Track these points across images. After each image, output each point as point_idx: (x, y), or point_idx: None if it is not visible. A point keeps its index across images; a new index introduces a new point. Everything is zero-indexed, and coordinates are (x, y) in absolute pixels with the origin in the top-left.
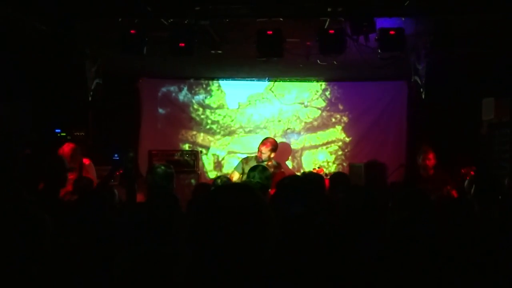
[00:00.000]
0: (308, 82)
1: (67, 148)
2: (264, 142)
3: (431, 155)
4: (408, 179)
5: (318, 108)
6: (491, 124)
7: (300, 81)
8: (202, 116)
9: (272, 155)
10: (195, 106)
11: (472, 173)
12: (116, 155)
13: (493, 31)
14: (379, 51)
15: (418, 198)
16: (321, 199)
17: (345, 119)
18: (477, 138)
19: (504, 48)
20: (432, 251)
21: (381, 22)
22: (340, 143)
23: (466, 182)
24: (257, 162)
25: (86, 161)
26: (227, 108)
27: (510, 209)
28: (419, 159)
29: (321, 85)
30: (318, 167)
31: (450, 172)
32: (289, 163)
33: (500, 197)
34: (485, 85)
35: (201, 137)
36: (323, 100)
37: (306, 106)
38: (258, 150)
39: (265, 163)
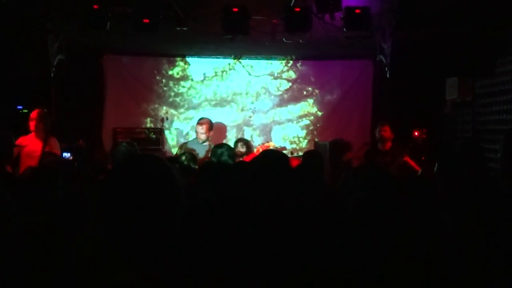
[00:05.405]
0: (275, 60)
1: (34, 113)
2: (200, 122)
3: (386, 127)
4: (366, 154)
5: (289, 80)
6: (455, 104)
7: (267, 59)
8: (165, 88)
9: (210, 133)
10: (158, 77)
11: (424, 136)
12: (65, 153)
13: (458, 11)
14: (345, 29)
15: (379, 175)
16: (283, 179)
17: (317, 91)
18: (441, 117)
19: (469, 28)
20: (394, 230)
21: (347, 1)
22: (312, 118)
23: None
24: (199, 144)
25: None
26: (192, 80)
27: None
28: (376, 133)
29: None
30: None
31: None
32: (257, 139)
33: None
34: (449, 65)
35: (163, 111)
36: (294, 72)
37: (276, 78)
38: (195, 132)
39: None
